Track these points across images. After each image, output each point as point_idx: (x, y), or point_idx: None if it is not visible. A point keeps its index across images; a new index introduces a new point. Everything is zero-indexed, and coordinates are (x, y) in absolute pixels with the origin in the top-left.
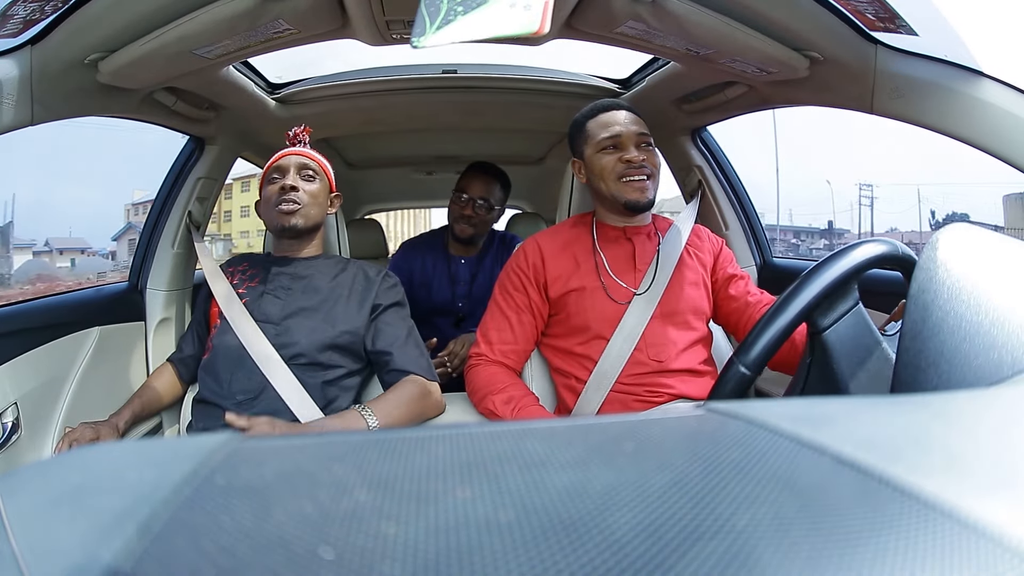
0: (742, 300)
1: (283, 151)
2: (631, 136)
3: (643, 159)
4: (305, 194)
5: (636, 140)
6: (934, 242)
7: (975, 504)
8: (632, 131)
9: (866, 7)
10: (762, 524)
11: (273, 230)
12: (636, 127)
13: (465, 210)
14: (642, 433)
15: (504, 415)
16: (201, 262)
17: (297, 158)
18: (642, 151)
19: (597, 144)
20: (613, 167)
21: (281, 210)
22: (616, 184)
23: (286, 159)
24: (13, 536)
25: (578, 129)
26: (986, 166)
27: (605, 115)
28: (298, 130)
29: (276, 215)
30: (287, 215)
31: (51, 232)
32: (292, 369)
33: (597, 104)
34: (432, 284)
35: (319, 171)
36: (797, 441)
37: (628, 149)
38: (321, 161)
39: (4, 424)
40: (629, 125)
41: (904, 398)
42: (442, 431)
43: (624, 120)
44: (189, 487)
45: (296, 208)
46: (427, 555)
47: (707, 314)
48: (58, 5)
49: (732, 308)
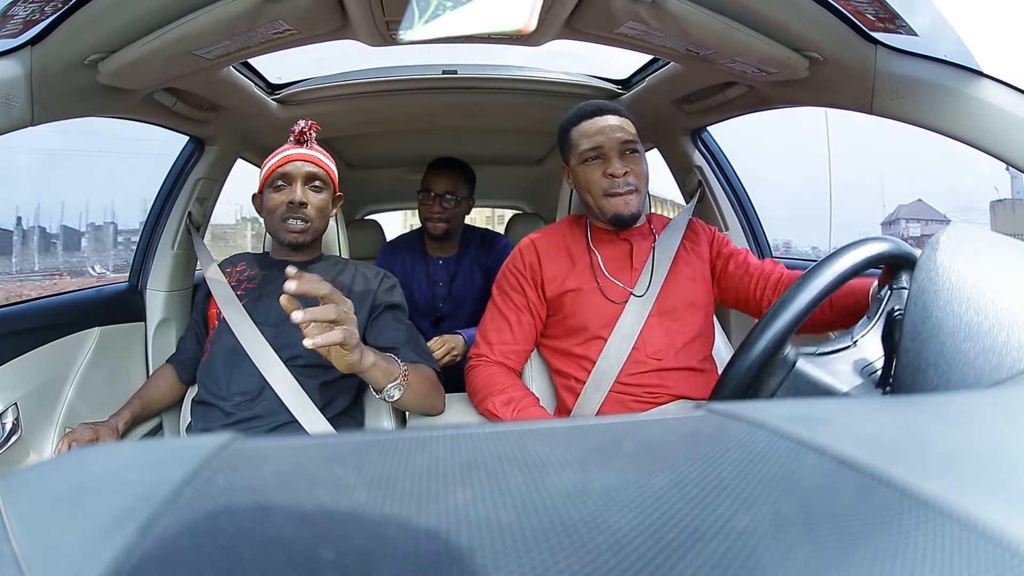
0: (742, 270)
1: (290, 152)
2: (614, 146)
3: (625, 172)
4: (313, 209)
5: (620, 149)
6: (934, 243)
7: (975, 504)
8: (615, 140)
9: (866, 7)
10: (762, 525)
11: (277, 240)
12: (620, 134)
13: (434, 208)
14: (642, 434)
15: (504, 416)
16: (201, 263)
17: (306, 166)
18: (627, 161)
19: (580, 155)
20: (597, 181)
21: (290, 227)
22: (601, 199)
23: (294, 166)
24: (13, 536)
25: (563, 136)
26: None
27: (588, 123)
28: (304, 126)
29: (283, 231)
30: (295, 234)
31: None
32: (291, 370)
33: (581, 109)
34: (411, 285)
35: (327, 181)
36: (797, 442)
37: (611, 161)
38: (329, 167)
39: (4, 424)
40: (612, 133)
41: (904, 398)
42: (442, 432)
43: (607, 128)
44: (190, 488)
45: (304, 226)
46: (427, 555)
47: (706, 307)
48: (58, 6)
49: (734, 283)
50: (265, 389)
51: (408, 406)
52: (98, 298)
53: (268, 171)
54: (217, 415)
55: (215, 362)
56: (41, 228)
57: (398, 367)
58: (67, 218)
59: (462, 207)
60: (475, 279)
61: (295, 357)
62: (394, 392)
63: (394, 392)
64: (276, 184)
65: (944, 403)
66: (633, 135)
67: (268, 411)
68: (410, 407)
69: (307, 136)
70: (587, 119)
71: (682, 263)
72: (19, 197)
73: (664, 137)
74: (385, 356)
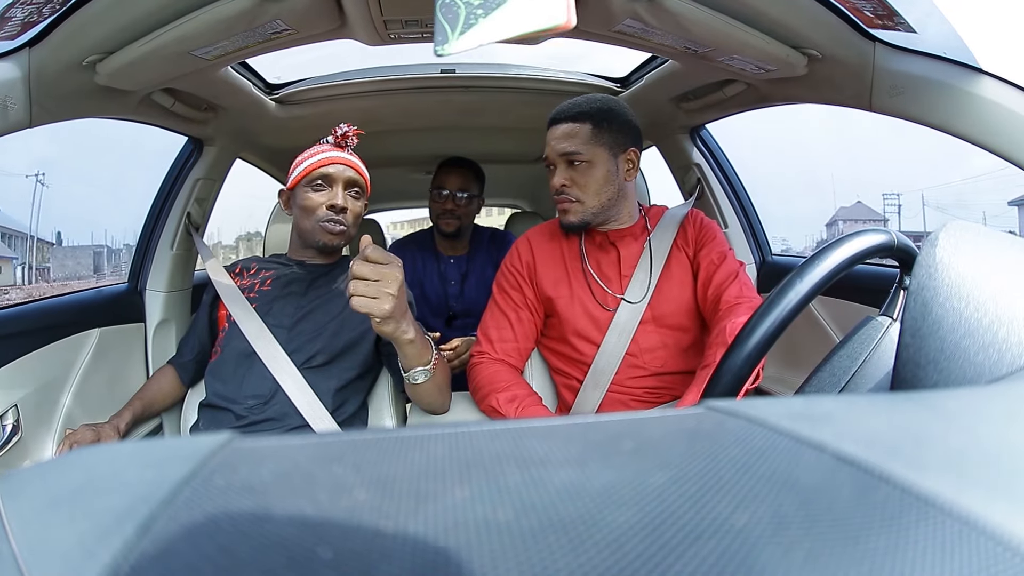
0: (707, 274)
1: (332, 155)
2: (556, 156)
3: (562, 184)
4: (352, 215)
5: (564, 160)
6: (933, 240)
7: (975, 501)
8: (558, 151)
9: (864, 4)
10: (761, 522)
11: (309, 240)
12: (565, 144)
13: (447, 205)
14: (641, 431)
15: (508, 413)
16: (204, 264)
17: (348, 171)
18: (571, 171)
19: (544, 162)
20: (552, 190)
21: (327, 229)
22: (557, 206)
23: (337, 168)
24: (13, 537)
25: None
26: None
27: (549, 131)
28: (348, 130)
29: (320, 232)
30: (333, 235)
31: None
32: (303, 373)
33: (551, 114)
34: (423, 283)
35: (364, 188)
36: (796, 439)
37: (556, 171)
38: (366, 175)
39: (4, 426)
40: (556, 144)
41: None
42: (440, 430)
43: (553, 139)
44: (188, 487)
45: (343, 231)
46: (425, 554)
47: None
48: (56, 7)
49: (699, 285)
50: (277, 392)
51: (423, 396)
52: (97, 299)
53: (307, 168)
54: (228, 418)
55: (226, 365)
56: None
57: (431, 353)
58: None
59: (473, 205)
60: (488, 278)
61: (309, 360)
62: (419, 376)
63: (419, 376)
64: (316, 184)
65: (944, 400)
66: (583, 143)
67: (280, 414)
68: (424, 398)
69: (349, 140)
70: (549, 126)
71: (675, 265)
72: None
73: (663, 135)
74: (424, 339)
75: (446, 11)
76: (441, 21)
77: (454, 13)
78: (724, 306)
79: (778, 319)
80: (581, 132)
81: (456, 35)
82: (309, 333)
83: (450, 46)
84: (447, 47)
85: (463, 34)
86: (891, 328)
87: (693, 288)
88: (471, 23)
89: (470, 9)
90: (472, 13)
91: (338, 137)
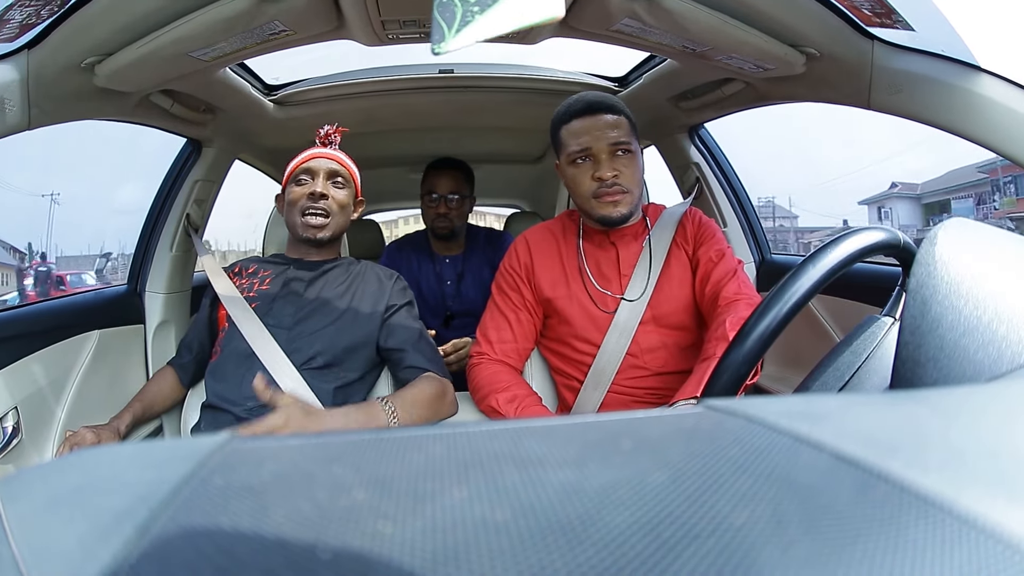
0: (704, 271)
1: (313, 151)
2: (603, 147)
3: (614, 176)
4: (334, 203)
5: (610, 150)
6: (932, 237)
7: (974, 499)
8: (605, 141)
9: (863, 2)
10: (760, 521)
11: (295, 235)
12: (614, 133)
13: (439, 208)
14: (639, 431)
15: (508, 413)
16: (204, 265)
17: (328, 163)
18: (617, 162)
19: (568, 155)
20: (586, 183)
21: (308, 223)
22: (589, 201)
23: (317, 161)
24: (12, 537)
25: (555, 132)
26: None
27: (577, 122)
28: (330, 129)
29: (302, 224)
30: (314, 228)
31: None
32: (303, 374)
33: (572, 106)
34: (420, 283)
35: (349, 179)
36: (795, 438)
37: (600, 163)
38: (351, 167)
39: (5, 428)
40: (601, 134)
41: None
42: (439, 430)
43: (596, 129)
44: (187, 488)
45: (324, 221)
46: (424, 554)
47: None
48: (54, 9)
49: (698, 284)
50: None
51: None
52: (97, 301)
53: (292, 169)
54: (229, 419)
55: (225, 365)
56: None
57: (384, 416)
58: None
59: (465, 205)
60: (485, 278)
61: (309, 360)
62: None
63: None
64: (299, 179)
65: (943, 398)
66: (627, 134)
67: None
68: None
69: (332, 139)
70: (577, 118)
71: (675, 263)
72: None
73: (661, 134)
74: (367, 408)
75: (443, 10)
76: (438, 20)
77: (451, 12)
78: (723, 302)
79: (780, 314)
80: (623, 123)
81: (453, 34)
82: (309, 334)
83: (447, 44)
84: (444, 46)
85: (460, 32)
86: (893, 328)
87: (692, 286)
88: (468, 21)
89: (467, 7)
90: (468, 11)
91: (321, 138)
